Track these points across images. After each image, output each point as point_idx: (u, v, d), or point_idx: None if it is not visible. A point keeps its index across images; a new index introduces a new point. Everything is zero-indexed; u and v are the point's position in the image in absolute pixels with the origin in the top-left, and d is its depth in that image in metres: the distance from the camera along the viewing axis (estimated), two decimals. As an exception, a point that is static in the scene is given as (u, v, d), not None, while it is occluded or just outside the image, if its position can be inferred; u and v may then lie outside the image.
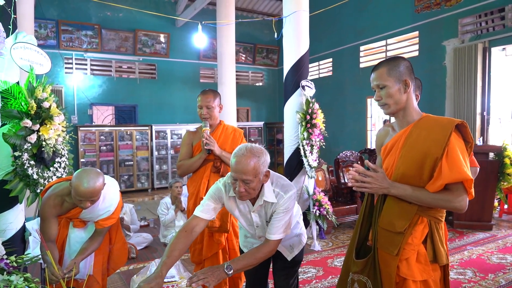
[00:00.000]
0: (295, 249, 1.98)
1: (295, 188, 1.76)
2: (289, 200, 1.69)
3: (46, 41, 8.00)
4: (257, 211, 1.76)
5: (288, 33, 4.71)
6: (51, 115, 2.73)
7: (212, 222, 2.57)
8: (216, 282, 1.54)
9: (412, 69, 1.54)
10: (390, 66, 1.50)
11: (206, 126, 2.63)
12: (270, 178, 1.71)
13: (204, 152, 2.61)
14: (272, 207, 1.72)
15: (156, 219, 5.76)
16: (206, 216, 1.75)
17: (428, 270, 1.43)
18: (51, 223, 2.05)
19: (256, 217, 1.77)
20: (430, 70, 6.69)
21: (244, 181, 1.58)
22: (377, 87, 1.53)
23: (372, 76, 1.55)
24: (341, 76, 9.03)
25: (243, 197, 1.64)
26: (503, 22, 5.73)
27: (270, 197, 1.68)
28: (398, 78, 1.49)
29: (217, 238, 2.60)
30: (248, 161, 1.56)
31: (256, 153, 1.60)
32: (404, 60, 1.54)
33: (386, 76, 1.49)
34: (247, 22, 10.14)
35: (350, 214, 5.04)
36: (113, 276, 3.54)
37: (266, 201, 1.71)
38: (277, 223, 1.69)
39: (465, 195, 1.39)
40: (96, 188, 1.93)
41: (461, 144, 1.41)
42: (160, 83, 9.48)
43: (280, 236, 1.70)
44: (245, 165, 1.55)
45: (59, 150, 2.88)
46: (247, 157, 1.57)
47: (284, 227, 1.71)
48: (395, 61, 1.52)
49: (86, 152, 8.13)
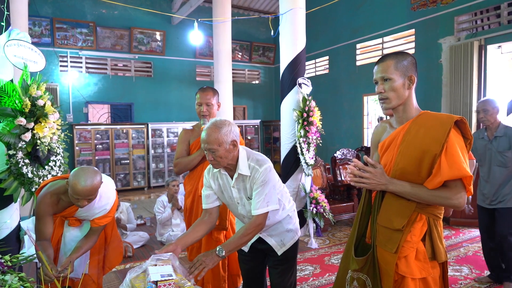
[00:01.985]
0: (286, 244, 2.00)
1: (269, 162, 1.86)
2: (265, 173, 1.80)
3: (41, 39, 7.93)
4: (236, 186, 1.87)
5: (284, 31, 4.70)
6: (46, 113, 2.70)
7: None
8: (212, 266, 1.71)
9: (416, 65, 1.52)
10: (398, 59, 1.48)
11: (205, 123, 2.61)
12: (247, 154, 1.86)
13: (202, 150, 2.59)
14: (249, 181, 1.83)
15: (153, 218, 5.74)
16: (212, 204, 1.96)
17: (427, 268, 1.42)
18: (47, 222, 2.03)
19: (235, 192, 1.89)
20: (426, 67, 6.70)
21: (210, 150, 1.75)
22: (382, 80, 1.50)
23: (377, 68, 1.51)
24: (337, 74, 9.03)
25: (214, 166, 1.82)
26: (498, 20, 5.75)
27: (244, 170, 1.81)
28: (404, 73, 1.47)
29: (215, 236, 2.60)
30: (211, 132, 1.76)
31: (219, 125, 1.78)
32: (410, 56, 1.52)
33: (392, 69, 1.47)
34: (243, 20, 10.10)
35: (347, 211, 5.05)
36: (110, 275, 3.52)
37: (241, 174, 1.83)
38: (258, 197, 1.79)
39: (463, 192, 1.38)
40: (94, 186, 1.92)
41: (460, 140, 1.40)
42: (156, 81, 9.44)
43: (263, 210, 1.78)
44: (208, 136, 1.75)
45: (54, 149, 2.86)
46: (211, 129, 1.77)
47: (267, 200, 1.79)
48: (402, 55, 1.50)
49: (82, 150, 8.08)
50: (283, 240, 2.01)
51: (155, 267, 1.73)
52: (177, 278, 1.69)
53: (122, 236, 4.40)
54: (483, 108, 3.01)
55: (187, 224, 2.75)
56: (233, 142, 1.79)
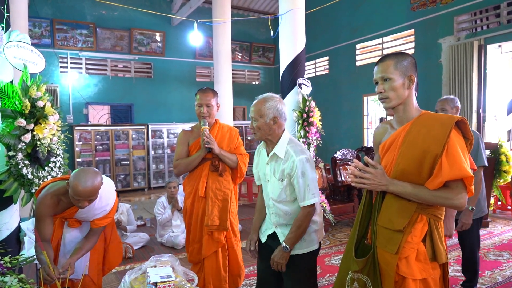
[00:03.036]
0: (297, 246, 1.87)
1: (308, 154, 1.88)
2: (301, 164, 1.81)
3: (41, 40, 7.93)
4: (269, 163, 1.94)
5: (284, 31, 4.70)
6: (46, 114, 2.70)
7: (212, 221, 2.56)
8: (286, 261, 1.85)
9: (416, 65, 1.53)
10: (398, 59, 1.49)
11: (205, 124, 2.61)
12: (289, 139, 1.91)
13: (203, 151, 2.58)
14: (282, 165, 1.86)
15: (153, 219, 5.74)
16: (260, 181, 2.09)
17: (427, 269, 1.41)
18: (46, 223, 2.03)
19: (268, 169, 1.95)
20: (426, 67, 6.70)
21: (252, 118, 1.89)
22: (381, 79, 1.51)
23: (377, 68, 1.53)
24: (337, 74, 9.03)
25: (254, 135, 1.93)
26: (498, 19, 5.75)
27: (279, 152, 1.87)
28: (404, 72, 1.48)
29: (216, 236, 2.59)
30: (258, 103, 1.89)
31: (268, 98, 1.88)
32: (410, 56, 1.53)
33: (392, 69, 1.48)
34: (243, 21, 10.11)
35: (347, 212, 5.04)
36: (110, 276, 3.52)
37: (275, 154, 1.88)
38: (299, 188, 1.82)
39: (464, 193, 1.38)
40: (95, 187, 1.92)
41: (461, 141, 1.40)
42: (156, 82, 9.44)
43: (309, 201, 1.81)
44: (254, 105, 1.89)
45: (54, 150, 2.86)
46: (259, 100, 1.90)
47: (313, 192, 1.82)
48: (402, 55, 1.51)
49: (82, 151, 8.08)
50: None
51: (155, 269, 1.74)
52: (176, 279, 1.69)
53: (122, 237, 4.39)
54: (441, 108, 2.89)
55: (187, 225, 2.74)
56: (274, 119, 1.85)
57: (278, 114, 1.88)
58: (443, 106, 2.79)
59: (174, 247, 4.38)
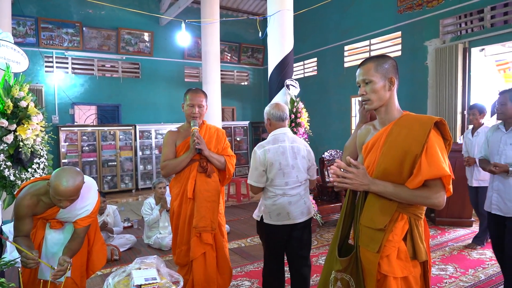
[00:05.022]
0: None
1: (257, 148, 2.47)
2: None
3: (25, 39, 7.79)
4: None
5: (272, 33, 4.72)
6: (29, 114, 2.66)
7: (201, 222, 2.55)
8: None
9: (397, 68, 1.56)
10: (378, 62, 1.53)
11: (196, 125, 2.59)
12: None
13: (192, 152, 2.56)
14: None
15: (140, 220, 5.69)
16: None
17: (408, 267, 1.44)
18: (25, 222, 1.99)
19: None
20: (413, 69, 6.80)
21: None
22: (363, 82, 1.55)
23: (359, 71, 1.57)
24: (325, 75, 9.10)
25: None
26: (482, 23, 5.87)
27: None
28: (384, 75, 1.52)
29: (205, 238, 2.58)
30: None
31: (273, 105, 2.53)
32: (391, 59, 1.57)
33: (373, 72, 1.51)
34: (232, 21, 10.11)
35: (335, 212, 5.08)
36: (96, 279, 3.48)
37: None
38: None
39: (443, 192, 1.41)
40: (76, 187, 1.89)
41: (440, 141, 1.44)
42: (144, 82, 9.37)
43: None
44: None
45: (37, 151, 2.81)
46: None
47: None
48: (382, 58, 1.55)
49: (68, 152, 7.96)
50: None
51: (139, 271, 1.72)
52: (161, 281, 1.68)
53: (108, 239, 4.34)
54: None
55: (174, 227, 2.70)
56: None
57: (270, 116, 2.54)
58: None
59: (162, 248, 4.35)
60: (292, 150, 2.45)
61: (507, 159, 2.62)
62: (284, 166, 2.40)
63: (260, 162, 2.40)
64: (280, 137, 2.48)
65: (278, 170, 2.39)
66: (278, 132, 2.50)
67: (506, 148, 2.64)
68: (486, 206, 2.83)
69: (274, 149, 2.42)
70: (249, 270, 3.59)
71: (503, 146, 2.67)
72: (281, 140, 2.46)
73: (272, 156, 2.39)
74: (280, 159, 2.40)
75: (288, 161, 2.42)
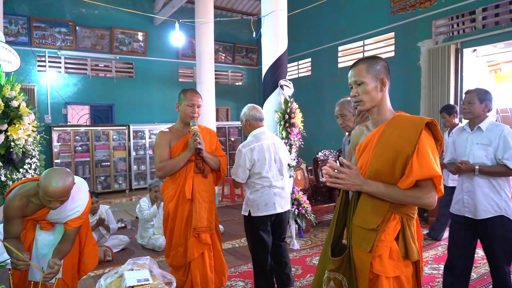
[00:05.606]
0: None
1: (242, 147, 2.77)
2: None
3: (17, 38, 7.72)
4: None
5: (266, 33, 4.72)
6: (20, 114, 2.64)
7: (200, 223, 2.54)
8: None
9: (389, 69, 1.57)
10: (369, 63, 1.54)
11: (195, 125, 2.59)
12: None
13: (191, 152, 2.56)
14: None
15: (134, 221, 5.66)
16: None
17: (400, 266, 1.45)
18: (15, 224, 1.97)
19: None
20: (406, 70, 6.84)
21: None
22: (355, 84, 1.56)
23: (350, 73, 1.58)
24: (319, 76, 9.12)
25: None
26: (474, 24, 5.93)
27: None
28: (376, 76, 1.52)
29: (203, 238, 2.58)
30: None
31: None
32: (382, 60, 1.58)
33: (364, 73, 1.52)
34: (226, 21, 10.09)
35: (329, 212, 5.10)
36: (88, 280, 3.45)
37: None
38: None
39: (434, 192, 1.42)
40: (66, 188, 1.87)
41: (431, 142, 1.45)
42: (138, 82, 9.32)
43: None
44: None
45: (29, 151, 2.79)
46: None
47: None
48: (373, 59, 1.56)
49: (61, 152, 7.89)
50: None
51: (131, 272, 1.71)
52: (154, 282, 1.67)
53: (101, 239, 4.31)
54: (340, 113, 2.99)
55: (169, 229, 2.67)
56: None
57: (248, 117, 2.82)
58: (342, 112, 3.04)
59: (155, 249, 4.32)
60: (274, 146, 2.81)
61: (475, 159, 2.52)
62: (269, 161, 2.74)
63: (247, 160, 2.69)
64: (261, 135, 2.79)
65: (264, 165, 2.71)
66: (258, 131, 2.80)
67: (473, 148, 2.57)
68: (455, 209, 2.66)
69: (258, 146, 2.72)
70: (243, 271, 3.59)
71: (470, 147, 2.61)
72: (263, 138, 2.78)
73: (257, 153, 2.70)
74: (265, 155, 2.72)
75: (272, 156, 2.76)
